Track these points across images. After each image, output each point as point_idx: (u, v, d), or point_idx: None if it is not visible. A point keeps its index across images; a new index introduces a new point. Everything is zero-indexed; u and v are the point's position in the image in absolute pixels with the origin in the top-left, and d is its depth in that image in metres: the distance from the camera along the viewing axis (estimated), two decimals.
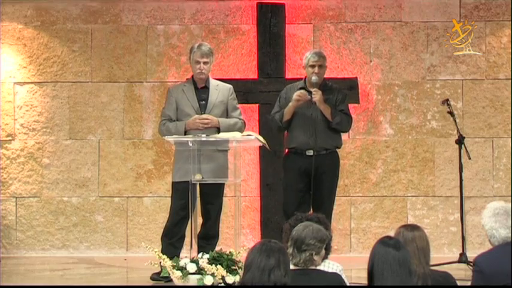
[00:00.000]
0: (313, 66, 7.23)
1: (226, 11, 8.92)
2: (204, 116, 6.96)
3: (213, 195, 7.03)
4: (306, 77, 7.32)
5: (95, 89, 8.93)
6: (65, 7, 8.94)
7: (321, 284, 4.34)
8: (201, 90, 7.11)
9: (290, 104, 7.17)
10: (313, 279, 4.36)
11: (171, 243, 6.98)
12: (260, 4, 8.77)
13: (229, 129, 6.93)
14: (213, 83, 7.17)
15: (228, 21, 8.92)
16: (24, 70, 8.93)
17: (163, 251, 6.72)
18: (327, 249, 4.62)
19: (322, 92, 7.16)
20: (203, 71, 7.05)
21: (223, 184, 7.14)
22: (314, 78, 7.18)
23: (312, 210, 7.10)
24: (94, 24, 8.95)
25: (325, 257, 4.70)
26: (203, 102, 7.01)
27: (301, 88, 7.26)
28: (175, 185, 7.08)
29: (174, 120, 7.09)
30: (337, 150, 7.33)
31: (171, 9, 8.95)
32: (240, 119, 7.12)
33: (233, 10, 8.92)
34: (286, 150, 7.38)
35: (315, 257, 4.45)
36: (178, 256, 6.67)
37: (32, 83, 8.93)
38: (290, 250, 4.44)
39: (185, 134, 6.94)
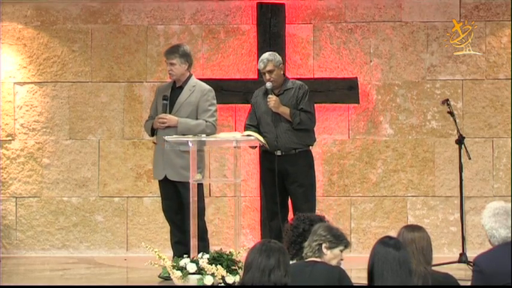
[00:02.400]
0: (264, 74, 7.31)
1: (226, 11, 8.92)
2: (161, 115, 7.06)
3: (186, 195, 6.85)
4: None
5: (95, 89, 8.93)
6: (65, 7, 8.94)
7: (320, 275, 4.36)
8: (177, 90, 7.19)
9: None
10: (314, 270, 4.39)
11: (177, 242, 7.04)
12: (260, 4, 8.77)
13: (190, 129, 6.94)
14: (191, 83, 7.21)
15: (228, 21, 8.92)
16: (24, 70, 8.93)
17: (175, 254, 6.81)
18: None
19: (283, 91, 7.27)
20: (170, 72, 7.19)
21: (200, 186, 6.97)
22: (268, 85, 7.26)
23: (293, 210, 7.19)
24: (94, 24, 8.94)
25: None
26: (165, 101, 7.08)
27: (265, 92, 7.33)
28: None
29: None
30: (310, 147, 7.36)
31: (171, 9, 8.95)
32: (206, 120, 7.07)
33: (233, 10, 8.92)
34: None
35: (325, 250, 4.50)
36: (188, 253, 6.66)
37: (32, 83, 8.93)
38: (306, 243, 4.55)
39: (152, 132, 7.15)
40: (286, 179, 7.23)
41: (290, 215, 7.17)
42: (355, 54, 8.86)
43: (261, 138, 6.90)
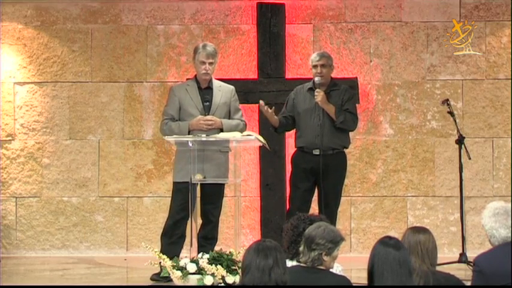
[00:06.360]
0: (315, 66, 7.32)
1: (226, 11, 8.92)
2: (208, 117, 6.93)
3: (213, 195, 6.98)
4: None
5: (95, 89, 8.93)
6: (65, 7, 8.94)
7: (327, 284, 4.34)
8: (205, 91, 7.08)
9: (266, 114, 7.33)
10: (321, 278, 4.36)
11: (171, 243, 6.96)
12: (260, 4, 8.77)
13: (232, 130, 6.90)
14: (216, 83, 7.14)
15: (228, 21, 8.92)
16: (24, 70, 8.94)
17: (162, 251, 6.70)
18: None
19: (329, 91, 7.29)
20: (208, 72, 7.01)
21: (223, 185, 7.12)
22: (317, 79, 7.28)
23: (318, 209, 7.17)
24: (94, 24, 8.95)
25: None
26: (207, 103, 6.97)
27: (309, 89, 7.37)
28: (176, 185, 7.03)
29: (177, 120, 7.04)
30: (345, 150, 7.39)
31: (171, 9, 8.95)
32: (241, 120, 7.11)
33: (233, 10, 8.92)
34: (295, 148, 7.44)
35: (325, 257, 4.44)
36: (178, 256, 6.66)
37: (32, 83, 8.94)
38: (301, 248, 4.47)
39: (188, 134, 6.90)
40: (319, 177, 7.21)
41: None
42: (355, 54, 8.86)
43: (261, 138, 6.90)
